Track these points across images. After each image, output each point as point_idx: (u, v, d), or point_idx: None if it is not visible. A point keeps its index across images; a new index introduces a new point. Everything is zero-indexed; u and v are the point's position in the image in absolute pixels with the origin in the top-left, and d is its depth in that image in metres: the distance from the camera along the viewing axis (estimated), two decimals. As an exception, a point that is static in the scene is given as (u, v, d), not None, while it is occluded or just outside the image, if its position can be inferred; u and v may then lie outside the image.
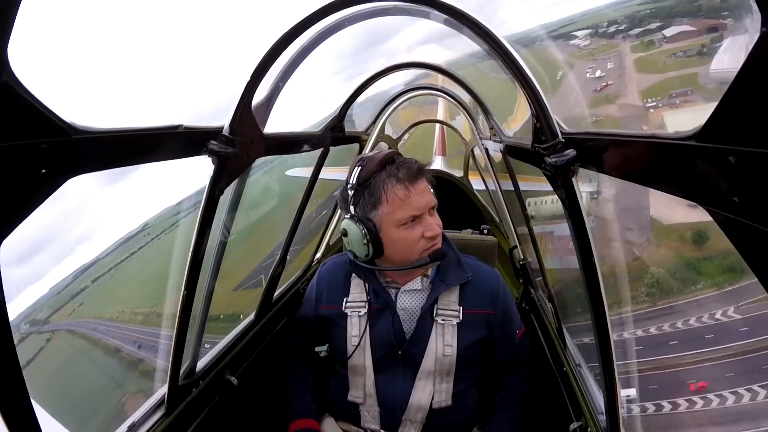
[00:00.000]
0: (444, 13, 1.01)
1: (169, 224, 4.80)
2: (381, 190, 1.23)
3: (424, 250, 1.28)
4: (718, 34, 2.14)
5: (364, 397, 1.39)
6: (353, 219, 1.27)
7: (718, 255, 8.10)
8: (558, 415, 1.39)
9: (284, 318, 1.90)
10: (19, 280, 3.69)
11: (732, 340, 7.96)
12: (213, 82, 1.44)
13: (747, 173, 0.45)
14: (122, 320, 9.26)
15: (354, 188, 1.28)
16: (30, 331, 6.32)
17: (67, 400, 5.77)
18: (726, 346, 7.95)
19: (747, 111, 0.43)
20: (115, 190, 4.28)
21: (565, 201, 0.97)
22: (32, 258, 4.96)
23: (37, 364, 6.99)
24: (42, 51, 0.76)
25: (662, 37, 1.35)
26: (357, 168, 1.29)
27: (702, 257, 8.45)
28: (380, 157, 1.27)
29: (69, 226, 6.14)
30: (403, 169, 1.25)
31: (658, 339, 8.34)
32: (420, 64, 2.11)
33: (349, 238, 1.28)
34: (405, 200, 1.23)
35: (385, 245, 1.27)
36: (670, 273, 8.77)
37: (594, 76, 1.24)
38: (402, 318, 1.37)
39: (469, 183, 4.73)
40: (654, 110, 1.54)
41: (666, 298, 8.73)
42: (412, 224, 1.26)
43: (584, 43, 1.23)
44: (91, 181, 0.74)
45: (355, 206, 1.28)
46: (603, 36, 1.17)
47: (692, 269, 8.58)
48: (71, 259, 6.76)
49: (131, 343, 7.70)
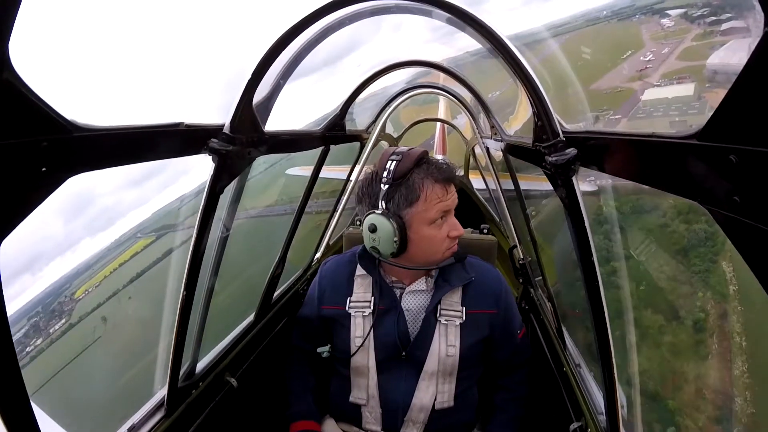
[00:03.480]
0: (446, 11, 1.01)
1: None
2: (420, 188, 1.24)
3: (447, 250, 1.31)
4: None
5: (366, 399, 1.39)
6: (385, 214, 1.25)
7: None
8: (558, 416, 1.39)
9: (284, 318, 1.90)
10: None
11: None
12: (214, 80, 1.43)
13: (748, 172, 0.45)
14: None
15: (390, 183, 1.25)
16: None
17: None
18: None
19: (749, 110, 0.43)
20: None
21: (565, 200, 0.97)
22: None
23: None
24: (43, 48, 0.76)
25: (719, 30, 1.30)
26: (391, 163, 1.26)
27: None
28: (416, 154, 1.27)
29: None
30: (440, 169, 1.27)
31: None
32: (421, 62, 2.11)
33: (378, 233, 1.26)
34: (442, 199, 1.25)
35: (410, 243, 1.27)
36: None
37: (645, 59, 1.23)
38: (406, 319, 1.37)
39: (470, 182, 4.73)
40: (651, 89, 1.53)
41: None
42: (440, 223, 1.28)
43: (669, 24, 1.20)
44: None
45: (388, 202, 1.26)
46: (686, 19, 1.14)
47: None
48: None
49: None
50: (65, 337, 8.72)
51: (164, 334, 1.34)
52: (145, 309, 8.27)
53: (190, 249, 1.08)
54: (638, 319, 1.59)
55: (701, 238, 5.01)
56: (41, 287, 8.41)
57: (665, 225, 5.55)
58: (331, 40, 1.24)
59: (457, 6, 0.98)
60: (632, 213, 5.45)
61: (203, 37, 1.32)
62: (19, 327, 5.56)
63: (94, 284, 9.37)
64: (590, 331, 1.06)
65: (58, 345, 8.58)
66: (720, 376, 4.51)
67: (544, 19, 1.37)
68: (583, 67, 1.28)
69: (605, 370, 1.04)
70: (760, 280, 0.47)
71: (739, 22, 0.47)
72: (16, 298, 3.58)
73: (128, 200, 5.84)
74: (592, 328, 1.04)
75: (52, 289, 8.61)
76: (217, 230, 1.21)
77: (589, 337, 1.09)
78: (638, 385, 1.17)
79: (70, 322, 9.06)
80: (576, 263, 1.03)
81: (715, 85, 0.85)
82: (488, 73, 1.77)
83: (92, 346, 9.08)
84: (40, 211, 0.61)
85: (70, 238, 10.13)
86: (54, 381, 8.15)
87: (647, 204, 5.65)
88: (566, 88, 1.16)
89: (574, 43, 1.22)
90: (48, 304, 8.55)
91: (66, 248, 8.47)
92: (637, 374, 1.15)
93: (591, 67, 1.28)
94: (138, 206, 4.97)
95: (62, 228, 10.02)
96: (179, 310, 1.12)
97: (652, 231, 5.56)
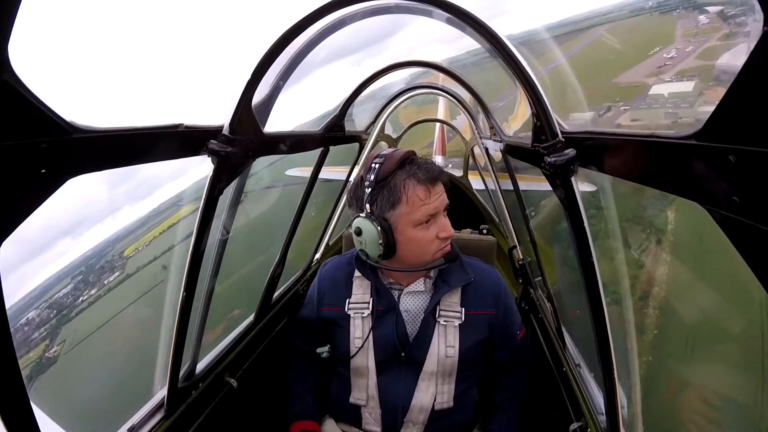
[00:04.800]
0: (446, 11, 1.01)
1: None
2: (401, 190, 1.22)
3: (438, 251, 1.28)
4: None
5: (366, 399, 1.39)
6: (369, 218, 1.25)
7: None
8: (558, 416, 1.39)
9: (284, 319, 1.90)
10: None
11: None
12: (213, 81, 1.43)
13: (747, 172, 0.45)
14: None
15: (372, 186, 1.25)
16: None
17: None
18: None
19: (748, 110, 0.43)
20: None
21: (564, 201, 0.97)
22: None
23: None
24: (43, 50, 0.75)
25: (744, 31, 1.25)
26: (375, 165, 1.26)
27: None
28: (399, 155, 1.25)
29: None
30: (423, 169, 1.24)
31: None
32: (420, 62, 2.11)
33: (363, 237, 1.26)
34: (425, 201, 1.22)
35: (399, 245, 1.26)
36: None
37: (668, 55, 1.21)
38: (405, 320, 1.37)
39: (469, 183, 4.73)
40: (658, 85, 1.52)
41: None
42: (428, 224, 1.25)
43: (704, 21, 1.17)
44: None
45: (372, 204, 1.26)
46: (721, 17, 1.10)
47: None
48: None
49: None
50: (121, 287, 9.21)
51: (164, 335, 1.34)
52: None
53: (189, 250, 1.08)
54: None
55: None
56: (83, 249, 8.73)
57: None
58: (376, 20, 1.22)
59: (456, 6, 0.98)
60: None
61: (203, 37, 1.32)
62: (64, 284, 5.63)
63: (144, 243, 9.85)
64: (590, 331, 1.06)
65: (111, 295, 8.98)
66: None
67: (590, 6, 1.35)
68: (614, 61, 1.29)
69: (605, 370, 1.04)
70: (760, 279, 0.47)
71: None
72: (60, 257, 3.69)
73: (168, 172, 5.85)
74: (592, 328, 1.04)
75: (98, 250, 9.00)
76: (217, 231, 1.21)
77: (589, 337, 1.09)
78: (639, 385, 1.17)
79: (127, 273, 9.46)
80: (575, 263, 1.03)
81: (716, 83, 0.85)
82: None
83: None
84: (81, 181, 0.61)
85: (112, 205, 10.42)
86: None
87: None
88: (591, 80, 1.17)
89: (612, 35, 1.21)
90: (93, 264, 8.96)
91: (107, 215, 8.66)
92: (638, 374, 1.15)
93: (620, 60, 1.28)
94: (177, 178, 4.96)
95: (106, 195, 10.31)
96: (179, 311, 1.12)
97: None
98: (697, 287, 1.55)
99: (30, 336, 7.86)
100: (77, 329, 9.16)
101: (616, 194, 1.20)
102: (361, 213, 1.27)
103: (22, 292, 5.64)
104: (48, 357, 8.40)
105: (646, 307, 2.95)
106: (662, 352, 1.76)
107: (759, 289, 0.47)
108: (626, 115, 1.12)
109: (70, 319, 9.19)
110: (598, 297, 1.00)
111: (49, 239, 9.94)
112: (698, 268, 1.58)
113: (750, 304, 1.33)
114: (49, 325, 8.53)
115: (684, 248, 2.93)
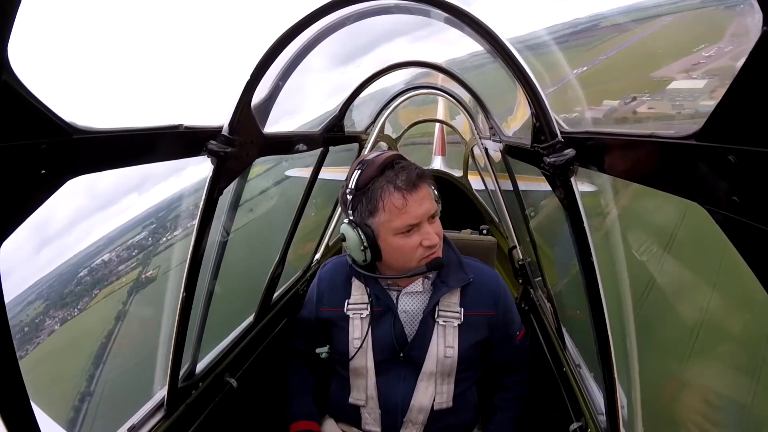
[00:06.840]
0: (445, 11, 1.01)
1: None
2: (378, 198, 1.20)
3: (423, 258, 1.26)
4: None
5: (365, 400, 1.39)
6: (351, 224, 1.26)
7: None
8: (558, 416, 1.39)
9: (284, 319, 1.90)
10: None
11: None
12: (213, 82, 1.43)
13: (747, 172, 0.45)
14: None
15: (352, 193, 1.25)
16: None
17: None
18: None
19: (747, 110, 0.43)
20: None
21: (564, 201, 0.97)
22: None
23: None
24: (42, 50, 0.75)
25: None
26: (357, 172, 1.26)
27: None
28: (380, 161, 1.24)
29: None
30: (402, 175, 1.21)
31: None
32: (420, 62, 2.11)
33: (348, 243, 1.27)
34: (402, 209, 1.19)
35: (383, 252, 1.26)
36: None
37: (707, 54, 1.19)
38: (403, 320, 1.37)
39: (469, 183, 4.73)
40: (677, 81, 1.50)
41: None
42: (410, 233, 1.23)
43: (758, 20, 1.15)
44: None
45: (354, 211, 1.26)
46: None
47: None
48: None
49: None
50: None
51: (164, 335, 1.34)
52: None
53: (189, 250, 1.08)
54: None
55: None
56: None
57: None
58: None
59: (455, 6, 0.98)
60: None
61: (203, 37, 1.32)
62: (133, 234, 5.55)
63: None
64: (590, 331, 1.06)
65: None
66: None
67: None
68: (662, 55, 1.29)
69: (605, 370, 1.04)
70: (760, 279, 0.47)
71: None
72: (126, 210, 3.55)
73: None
74: (592, 329, 1.04)
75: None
76: (217, 231, 1.21)
77: (588, 338, 1.09)
78: (639, 385, 1.17)
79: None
80: (575, 263, 1.03)
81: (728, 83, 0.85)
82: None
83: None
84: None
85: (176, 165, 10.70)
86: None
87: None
88: (638, 71, 1.16)
89: (671, 28, 1.20)
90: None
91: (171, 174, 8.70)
92: (638, 374, 1.15)
93: (666, 55, 1.28)
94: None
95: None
96: (179, 311, 1.12)
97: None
98: (698, 287, 1.55)
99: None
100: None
101: (615, 194, 1.20)
102: (345, 219, 1.29)
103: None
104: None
105: (646, 307, 2.94)
106: (662, 352, 1.75)
107: (759, 289, 0.47)
108: (645, 105, 1.12)
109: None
110: (598, 297, 1.00)
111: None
112: (698, 268, 1.58)
113: (751, 305, 1.32)
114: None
115: (684, 248, 2.94)
